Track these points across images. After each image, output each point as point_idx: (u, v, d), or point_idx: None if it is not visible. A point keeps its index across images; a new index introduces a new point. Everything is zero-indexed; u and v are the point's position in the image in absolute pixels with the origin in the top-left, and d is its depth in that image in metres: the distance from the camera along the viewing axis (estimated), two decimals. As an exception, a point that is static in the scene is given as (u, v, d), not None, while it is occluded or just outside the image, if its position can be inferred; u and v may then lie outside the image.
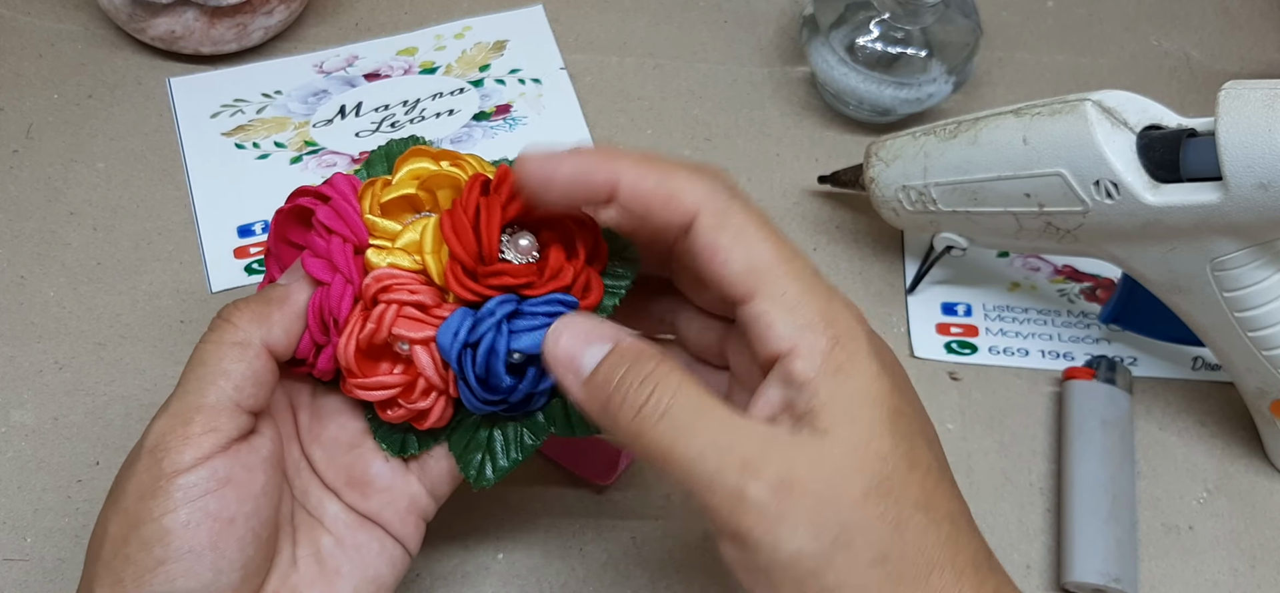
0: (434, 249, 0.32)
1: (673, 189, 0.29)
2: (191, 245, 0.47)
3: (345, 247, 0.32)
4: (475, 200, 0.32)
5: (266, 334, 0.31)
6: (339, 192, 0.33)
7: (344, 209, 0.32)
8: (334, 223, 0.32)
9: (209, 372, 0.30)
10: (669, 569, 0.41)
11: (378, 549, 0.34)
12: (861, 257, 0.50)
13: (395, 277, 0.32)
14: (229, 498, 0.30)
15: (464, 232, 0.31)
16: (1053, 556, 0.42)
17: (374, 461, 0.34)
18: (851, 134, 0.53)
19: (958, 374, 0.46)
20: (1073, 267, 0.50)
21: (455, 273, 0.32)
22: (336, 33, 0.54)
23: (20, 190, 0.48)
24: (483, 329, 0.31)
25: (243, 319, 0.31)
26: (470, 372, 0.31)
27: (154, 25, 0.51)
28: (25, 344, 0.44)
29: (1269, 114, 0.34)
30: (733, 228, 0.28)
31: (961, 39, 0.51)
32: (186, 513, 0.29)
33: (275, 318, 0.32)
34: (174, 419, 0.30)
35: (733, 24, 0.57)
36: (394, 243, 0.32)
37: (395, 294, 0.32)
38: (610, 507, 0.42)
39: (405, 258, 0.32)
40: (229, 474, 0.30)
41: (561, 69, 0.54)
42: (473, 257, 0.31)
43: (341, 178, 0.34)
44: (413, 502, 0.34)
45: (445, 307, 0.32)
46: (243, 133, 0.51)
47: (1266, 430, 0.44)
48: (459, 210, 0.32)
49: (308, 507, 0.34)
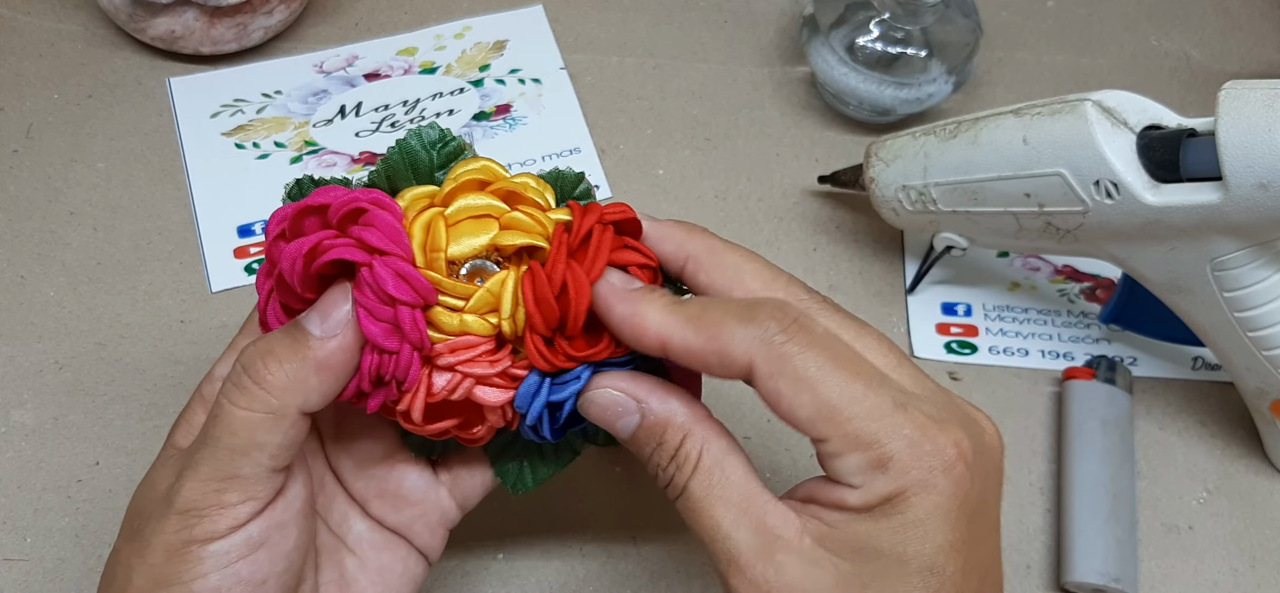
0: (510, 314, 0.29)
1: (722, 347, 0.27)
2: (191, 245, 0.47)
3: (415, 314, 0.28)
4: (562, 276, 0.29)
5: (303, 402, 0.28)
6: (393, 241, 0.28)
7: (408, 272, 0.28)
8: (399, 291, 0.28)
9: (241, 444, 0.28)
10: (669, 569, 0.41)
11: (402, 569, 0.33)
12: (861, 257, 0.50)
13: (469, 346, 0.29)
14: (262, 560, 0.29)
15: (547, 305, 0.29)
16: (1053, 556, 0.42)
17: (408, 475, 0.33)
18: (851, 134, 0.53)
19: (958, 374, 0.46)
20: (1073, 267, 0.50)
21: (536, 345, 0.29)
22: (336, 33, 0.54)
23: (20, 190, 0.48)
24: (565, 394, 0.30)
25: (277, 384, 0.28)
26: (547, 428, 0.31)
27: (154, 25, 0.51)
28: (25, 344, 0.44)
29: (1269, 114, 0.34)
30: (791, 375, 0.27)
31: (961, 39, 0.51)
32: (218, 579, 0.28)
33: (313, 384, 0.28)
34: (207, 484, 0.28)
35: (733, 24, 0.57)
36: (466, 303, 0.29)
37: (472, 367, 0.29)
38: (610, 507, 0.42)
39: (477, 320, 0.29)
40: (263, 537, 0.29)
41: (561, 69, 0.54)
42: (554, 329, 0.29)
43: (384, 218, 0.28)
44: (443, 515, 0.34)
45: (518, 365, 0.30)
46: (243, 133, 0.51)
47: (1266, 431, 0.44)
48: (542, 280, 0.29)
49: (330, 525, 0.33)
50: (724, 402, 0.44)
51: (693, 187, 0.51)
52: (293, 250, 0.28)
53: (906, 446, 0.26)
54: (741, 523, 0.27)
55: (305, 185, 0.31)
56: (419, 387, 0.29)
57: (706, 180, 0.51)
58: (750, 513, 0.27)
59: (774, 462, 0.43)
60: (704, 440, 0.28)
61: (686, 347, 0.28)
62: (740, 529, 0.27)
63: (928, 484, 0.26)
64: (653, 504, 0.42)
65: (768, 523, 0.27)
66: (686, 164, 0.52)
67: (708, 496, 0.28)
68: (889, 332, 0.47)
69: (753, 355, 0.27)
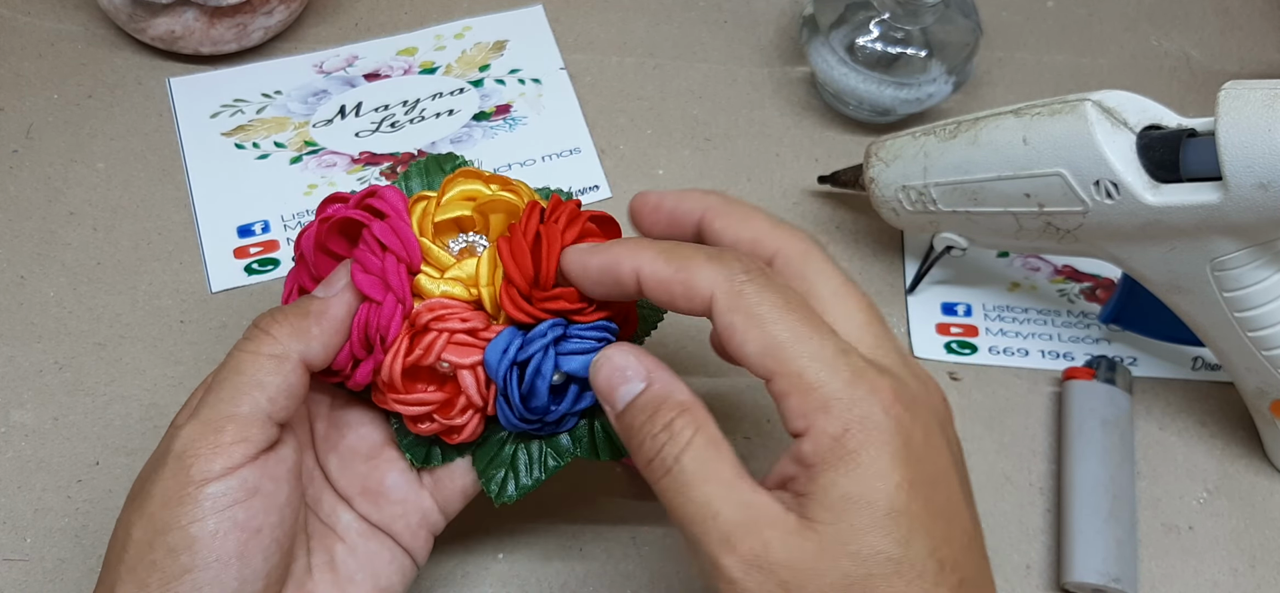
0: (489, 279, 0.33)
1: (688, 278, 0.29)
2: (191, 245, 0.47)
3: (400, 267, 0.32)
4: (535, 227, 0.33)
5: (304, 349, 0.31)
6: (393, 208, 0.33)
7: (402, 228, 0.33)
8: (390, 241, 0.32)
9: (244, 382, 0.30)
10: (669, 569, 0.41)
11: (389, 558, 0.34)
12: (861, 257, 0.50)
13: (447, 306, 0.33)
14: (256, 508, 0.30)
15: (522, 256, 0.32)
16: (1053, 556, 0.42)
17: (390, 473, 0.35)
18: (851, 134, 0.53)
19: (958, 374, 0.46)
20: (1073, 267, 0.50)
21: (511, 296, 0.32)
22: (336, 33, 0.54)
23: (20, 190, 0.48)
24: (533, 348, 0.32)
25: (281, 331, 0.31)
26: (515, 389, 0.32)
27: (154, 25, 0.51)
28: (25, 344, 0.44)
29: (1269, 114, 0.34)
30: (746, 310, 0.28)
31: (961, 39, 0.51)
32: (215, 522, 0.29)
33: (314, 332, 0.32)
34: (205, 427, 0.30)
35: (733, 24, 0.57)
36: (445, 272, 0.33)
37: (446, 323, 0.32)
38: (610, 507, 0.42)
39: (457, 287, 0.33)
40: (257, 485, 0.30)
41: (561, 69, 0.54)
42: (529, 281, 0.32)
43: (393, 193, 0.34)
44: (424, 517, 0.35)
45: (492, 329, 0.33)
46: (243, 133, 0.51)
47: (1266, 431, 0.44)
48: (518, 236, 0.32)
49: (320, 514, 0.34)
50: (723, 402, 0.45)
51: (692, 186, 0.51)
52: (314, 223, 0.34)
53: (844, 385, 0.27)
54: (731, 500, 0.28)
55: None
56: (399, 346, 0.32)
57: (706, 180, 0.51)
58: (739, 493, 0.28)
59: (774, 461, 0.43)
60: (700, 422, 0.29)
61: (656, 276, 0.30)
62: (729, 506, 0.28)
63: (867, 421, 0.27)
64: (653, 504, 0.42)
65: (755, 502, 0.28)
66: (686, 164, 0.52)
67: (700, 471, 0.28)
68: (889, 332, 0.47)
69: (715, 289, 0.29)
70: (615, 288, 0.31)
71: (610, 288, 0.32)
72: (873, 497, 0.27)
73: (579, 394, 0.34)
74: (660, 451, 0.29)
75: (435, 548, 0.40)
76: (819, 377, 0.28)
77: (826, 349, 0.28)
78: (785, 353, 0.28)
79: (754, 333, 0.28)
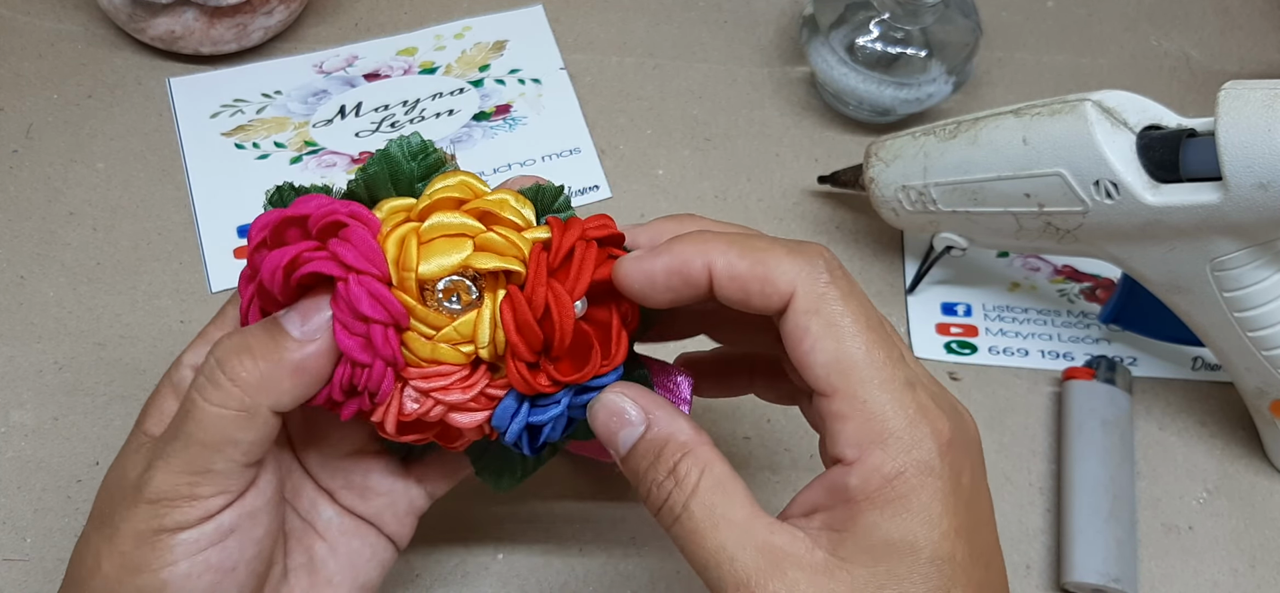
0: (488, 342, 0.29)
1: (768, 272, 0.27)
2: (191, 245, 0.47)
3: (387, 332, 0.28)
4: (543, 299, 0.28)
5: (275, 402, 0.28)
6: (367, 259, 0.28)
7: (378, 291, 0.28)
8: (371, 310, 0.28)
9: (213, 439, 0.28)
10: (669, 569, 0.41)
11: (369, 554, 0.33)
12: (861, 257, 0.50)
13: (443, 373, 0.29)
14: (232, 547, 0.29)
15: (529, 329, 0.28)
16: (1053, 556, 0.42)
17: (374, 469, 0.34)
18: (851, 134, 0.53)
19: (957, 374, 0.46)
20: (1072, 267, 0.50)
21: (519, 371, 0.29)
22: (336, 33, 0.54)
23: (20, 190, 0.48)
24: (545, 417, 0.30)
25: (250, 382, 0.28)
26: (526, 446, 0.30)
27: (154, 25, 0.51)
28: (25, 344, 0.44)
29: (1269, 114, 0.34)
30: (827, 316, 0.27)
31: (961, 39, 0.51)
32: (188, 565, 0.28)
33: (287, 387, 0.28)
34: (179, 476, 0.28)
35: (733, 24, 0.57)
36: (438, 333, 0.29)
37: (447, 396, 0.29)
38: (610, 507, 0.42)
39: (449, 350, 0.29)
40: (234, 525, 0.29)
41: (561, 69, 0.54)
42: (536, 352, 0.29)
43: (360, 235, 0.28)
44: (412, 503, 0.34)
45: (495, 383, 0.30)
46: (242, 133, 0.51)
47: (1266, 431, 0.44)
48: (521, 303, 0.28)
49: (299, 510, 0.33)
50: (724, 402, 0.45)
51: (692, 186, 0.51)
52: (273, 260, 0.28)
53: (907, 423, 0.26)
54: (747, 543, 0.26)
55: (286, 193, 0.30)
56: (392, 402, 0.29)
57: (706, 180, 0.51)
58: (755, 534, 0.26)
59: (774, 462, 0.43)
60: (706, 462, 0.28)
61: (732, 270, 0.27)
62: (746, 550, 0.26)
63: (924, 466, 0.26)
64: (653, 504, 0.42)
65: (775, 542, 0.26)
66: (686, 164, 0.52)
67: (710, 517, 0.27)
68: (889, 332, 0.47)
69: (797, 284, 0.27)
70: (684, 291, 0.28)
71: (678, 292, 0.28)
72: (918, 544, 0.26)
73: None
74: (667, 498, 0.27)
75: (435, 548, 0.40)
76: (883, 408, 0.26)
77: (897, 379, 0.26)
78: (855, 373, 0.26)
79: (828, 343, 0.26)
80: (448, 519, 0.41)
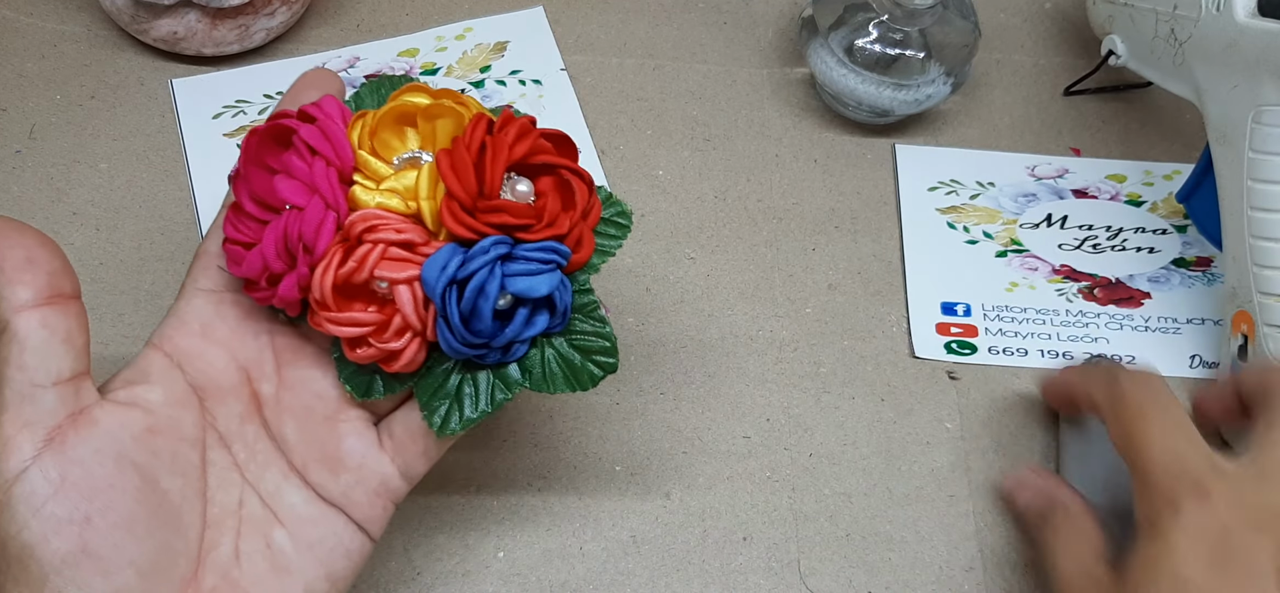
0: (430, 193, 0.30)
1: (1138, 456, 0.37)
2: (194, 245, 0.47)
3: (329, 171, 0.30)
4: (480, 138, 0.30)
5: (14, 300, 0.27)
6: (326, 114, 0.31)
7: (332, 131, 0.30)
8: (320, 145, 0.30)
9: None
10: (669, 569, 0.41)
11: (335, 543, 0.32)
12: (861, 257, 0.50)
13: (381, 217, 0.30)
14: (73, 499, 0.27)
15: (464, 169, 0.30)
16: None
17: (347, 436, 0.33)
18: (851, 135, 0.54)
19: (956, 374, 0.47)
20: (1069, 266, 0.50)
21: (452, 209, 0.30)
22: (338, 34, 0.55)
23: (23, 191, 0.48)
24: (475, 265, 0.30)
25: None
26: (454, 310, 0.30)
27: (156, 27, 0.51)
28: (28, 344, 0.44)
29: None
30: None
31: (960, 40, 0.51)
32: (38, 525, 0.27)
33: (2, 280, 0.27)
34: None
35: (732, 25, 0.57)
36: (381, 183, 0.31)
37: (380, 233, 0.30)
38: (610, 507, 0.42)
39: (394, 199, 0.31)
40: (62, 474, 0.27)
41: (562, 70, 0.54)
42: (472, 195, 0.30)
43: (330, 101, 0.31)
44: (383, 483, 0.33)
45: (432, 245, 0.31)
46: (244, 133, 0.51)
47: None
48: (460, 148, 0.30)
49: (262, 493, 0.32)
50: (724, 400, 0.45)
51: (692, 187, 0.51)
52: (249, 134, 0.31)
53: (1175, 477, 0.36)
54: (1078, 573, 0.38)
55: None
56: (331, 259, 0.30)
57: (706, 181, 0.51)
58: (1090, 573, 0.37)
59: (774, 461, 0.44)
60: (1079, 517, 0.39)
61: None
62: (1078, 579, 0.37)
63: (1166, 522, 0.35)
64: (653, 504, 0.42)
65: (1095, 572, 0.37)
66: (686, 164, 0.52)
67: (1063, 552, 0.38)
68: (889, 331, 0.48)
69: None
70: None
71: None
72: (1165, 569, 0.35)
73: (528, 319, 0.31)
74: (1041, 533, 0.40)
75: (435, 547, 0.40)
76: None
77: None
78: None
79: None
80: (448, 517, 0.41)
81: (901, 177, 0.52)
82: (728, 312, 0.47)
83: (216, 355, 0.33)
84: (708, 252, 0.49)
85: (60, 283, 0.29)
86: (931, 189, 0.52)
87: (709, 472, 0.43)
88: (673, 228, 0.50)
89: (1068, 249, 0.51)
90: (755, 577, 0.41)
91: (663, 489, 0.43)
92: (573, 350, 0.33)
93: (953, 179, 0.52)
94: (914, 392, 0.46)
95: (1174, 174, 0.53)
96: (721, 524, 0.42)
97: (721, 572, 0.41)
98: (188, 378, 0.32)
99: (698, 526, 0.42)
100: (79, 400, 0.28)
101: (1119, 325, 0.48)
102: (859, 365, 0.46)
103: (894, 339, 0.47)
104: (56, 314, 0.28)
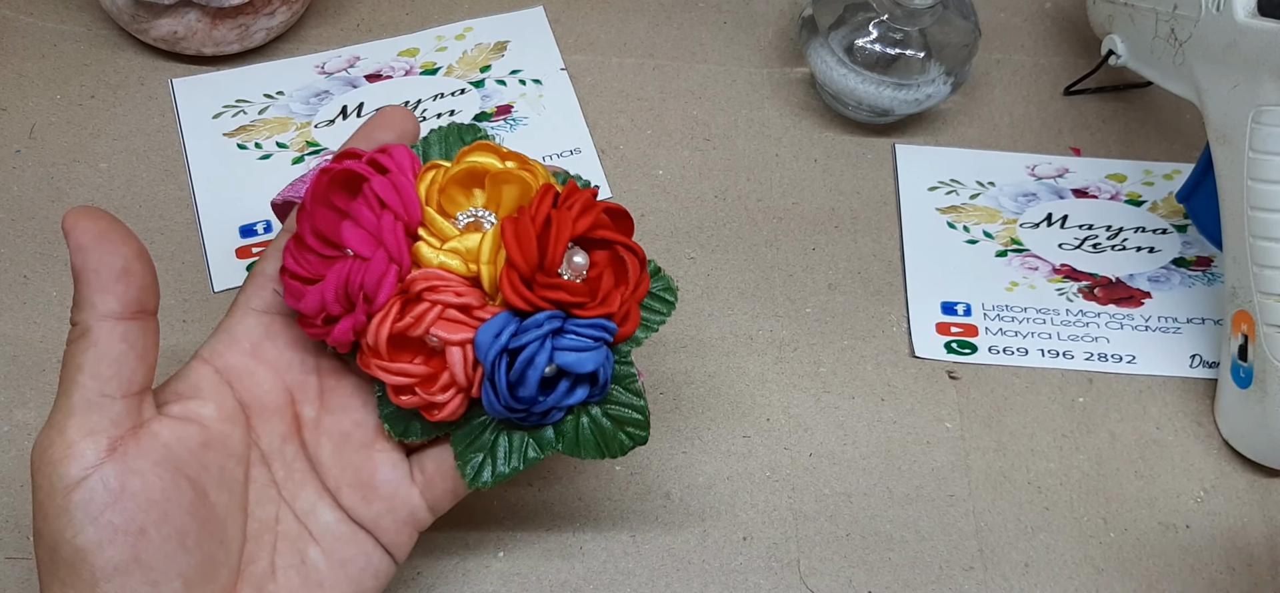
0: (491, 258, 0.31)
1: None
2: (194, 245, 0.47)
3: (397, 225, 0.31)
4: (546, 213, 0.31)
5: (101, 308, 0.28)
6: (398, 166, 0.31)
7: (403, 186, 0.31)
8: (389, 198, 0.31)
9: (67, 374, 0.28)
10: (669, 569, 0.41)
11: (365, 563, 0.33)
12: (861, 256, 0.50)
13: (443, 278, 0.31)
14: (131, 509, 0.28)
15: (527, 241, 0.31)
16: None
17: (382, 466, 0.34)
18: (851, 134, 0.54)
19: (956, 373, 0.47)
20: (1069, 266, 0.50)
21: (511, 280, 0.31)
22: (338, 34, 0.55)
23: (23, 190, 0.48)
24: (527, 337, 0.31)
25: (76, 310, 0.28)
26: (502, 376, 0.31)
27: (156, 26, 0.51)
28: (28, 344, 0.44)
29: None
30: None
31: (960, 40, 0.51)
32: (94, 532, 0.27)
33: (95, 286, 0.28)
34: (52, 430, 0.28)
35: (732, 25, 0.57)
36: (445, 243, 0.31)
37: (440, 295, 0.31)
38: (610, 507, 0.42)
39: (455, 260, 0.31)
40: (122, 484, 0.28)
41: (562, 70, 0.54)
42: (532, 267, 0.31)
43: (403, 151, 0.32)
44: (412, 514, 0.34)
45: (488, 309, 0.32)
46: (245, 133, 0.51)
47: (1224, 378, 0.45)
48: (526, 218, 0.31)
49: (296, 510, 0.33)
50: (724, 399, 0.45)
51: (692, 186, 0.51)
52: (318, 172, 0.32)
53: None
54: None
55: None
56: (389, 310, 0.31)
57: (706, 180, 0.51)
58: None
59: (774, 461, 0.44)
60: None
61: None
62: None
63: None
64: (653, 504, 0.42)
65: None
66: (686, 164, 0.52)
67: None
68: (889, 331, 0.48)
69: None
70: None
71: None
72: None
73: (570, 389, 0.33)
74: None
75: (435, 547, 0.40)
76: None
77: None
78: None
79: None
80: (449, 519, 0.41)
81: (901, 176, 0.52)
82: (728, 311, 0.47)
83: (265, 376, 0.33)
84: (708, 251, 0.49)
85: (147, 299, 0.29)
86: (931, 189, 0.52)
87: (709, 472, 0.43)
88: (673, 228, 0.50)
89: (1068, 249, 0.51)
90: (755, 577, 0.41)
91: (663, 489, 0.43)
92: (607, 419, 0.34)
93: (953, 179, 0.52)
94: (914, 392, 0.46)
95: (1174, 174, 0.53)
96: (721, 524, 0.42)
97: (721, 571, 0.41)
98: (236, 395, 0.33)
99: (698, 525, 0.42)
100: (142, 414, 0.29)
101: (1119, 325, 0.48)
102: (859, 365, 0.46)
103: (894, 339, 0.47)
104: (137, 329, 0.29)
